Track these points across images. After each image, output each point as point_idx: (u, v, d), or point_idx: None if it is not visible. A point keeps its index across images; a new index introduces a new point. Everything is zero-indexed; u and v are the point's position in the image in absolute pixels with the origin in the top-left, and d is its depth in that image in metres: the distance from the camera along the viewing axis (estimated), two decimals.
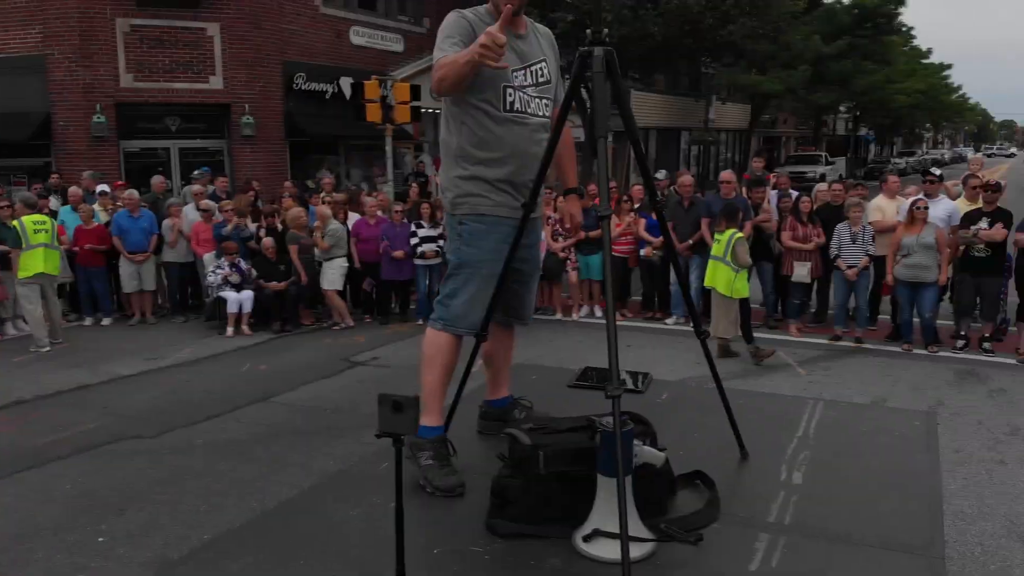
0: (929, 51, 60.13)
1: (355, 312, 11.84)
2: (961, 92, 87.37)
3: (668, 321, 10.90)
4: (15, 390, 8.40)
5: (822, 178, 36.83)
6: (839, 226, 9.51)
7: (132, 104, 15.18)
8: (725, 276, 8.79)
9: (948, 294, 9.77)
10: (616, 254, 11.17)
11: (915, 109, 55.94)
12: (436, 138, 22.06)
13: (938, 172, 9.65)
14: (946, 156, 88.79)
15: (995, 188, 8.93)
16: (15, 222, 10.22)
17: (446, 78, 3.39)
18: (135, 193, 11.45)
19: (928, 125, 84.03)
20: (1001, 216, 8.86)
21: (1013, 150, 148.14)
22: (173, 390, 8.28)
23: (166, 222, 11.57)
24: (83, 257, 11.27)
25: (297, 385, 8.37)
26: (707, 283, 9.27)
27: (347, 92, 17.59)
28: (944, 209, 9.31)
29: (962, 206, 9.62)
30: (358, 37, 18.08)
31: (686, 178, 10.67)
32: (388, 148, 15.70)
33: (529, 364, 6.55)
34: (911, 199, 9.16)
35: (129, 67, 14.90)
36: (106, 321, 11.62)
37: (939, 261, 8.92)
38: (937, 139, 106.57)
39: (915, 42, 50.24)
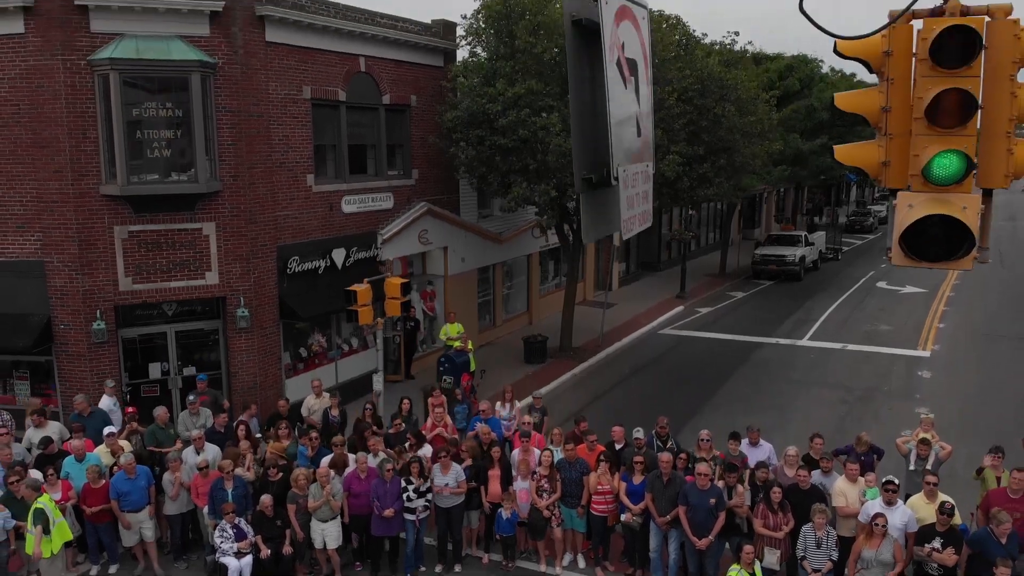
0: None
1: (345, 552, 12.37)
2: None
3: None
4: None
5: (801, 260, 37.63)
6: (805, 528, 10.18)
7: (130, 304, 15.69)
8: None
9: None
10: (596, 513, 11.79)
11: None
12: (423, 272, 22.93)
13: (897, 482, 10.32)
14: None
15: (949, 512, 9.61)
16: (39, 503, 10.81)
17: None
18: (132, 457, 11.94)
19: None
20: (953, 539, 9.55)
21: None
22: None
23: (166, 476, 12.09)
24: (93, 514, 11.80)
25: None
26: None
27: (339, 263, 18.20)
28: (900, 519, 9.98)
29: (919, 504, 10.30)
30: (349, 205, 18.58)
31: (664, 455, 11.28)
32: (379, 340, 16.25)
33: None
34: (873, 512, 9.81)
35: (128, 271, 15.37)
36: (113, 568, 12.20)
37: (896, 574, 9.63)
38: None
39: None
